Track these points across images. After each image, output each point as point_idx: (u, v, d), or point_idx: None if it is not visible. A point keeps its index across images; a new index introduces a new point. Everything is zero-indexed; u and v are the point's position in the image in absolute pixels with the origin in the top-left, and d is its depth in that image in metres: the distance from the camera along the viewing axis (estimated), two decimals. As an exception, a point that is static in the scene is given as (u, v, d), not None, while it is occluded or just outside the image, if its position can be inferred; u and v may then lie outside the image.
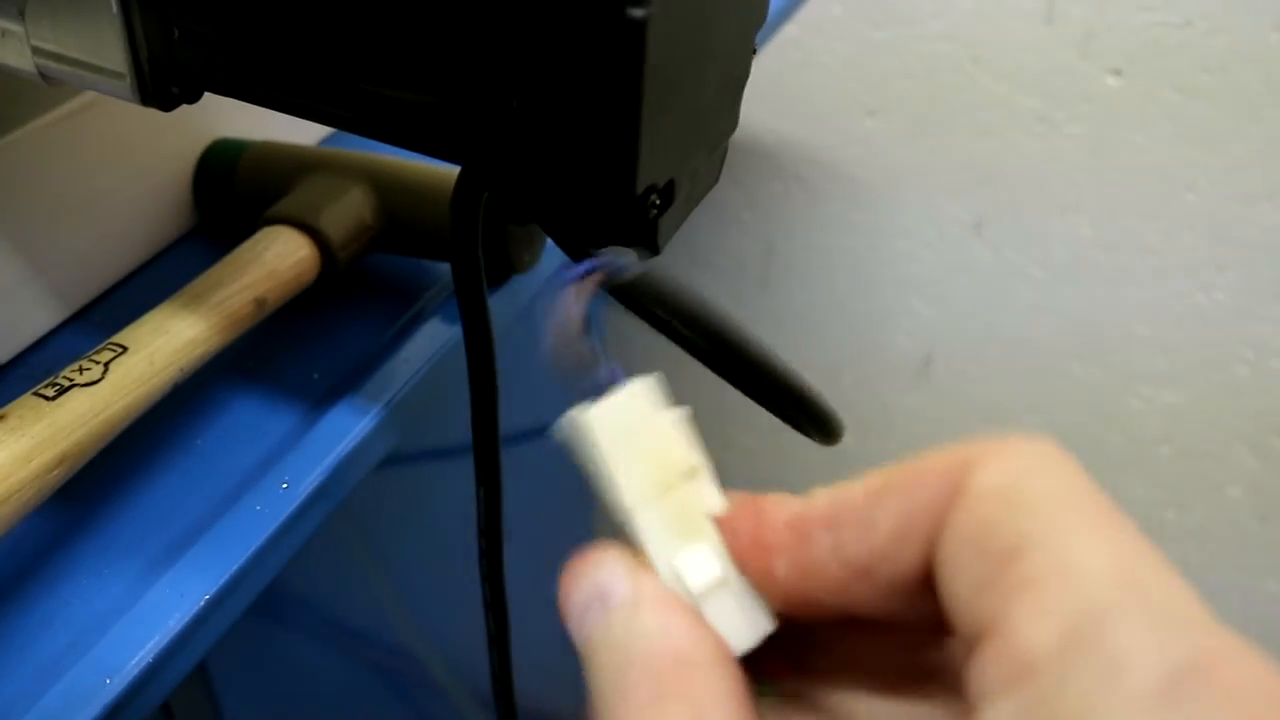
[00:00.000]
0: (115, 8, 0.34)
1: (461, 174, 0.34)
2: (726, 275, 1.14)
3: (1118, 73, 0.92)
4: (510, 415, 0.42)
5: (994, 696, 0.18)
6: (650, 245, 0.32)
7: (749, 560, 0.24)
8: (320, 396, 0.48)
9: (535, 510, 0.69)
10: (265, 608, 0.44)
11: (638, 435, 0.25)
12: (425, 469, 0.69)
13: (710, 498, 0.25)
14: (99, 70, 0.36)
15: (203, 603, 0.39)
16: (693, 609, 0.23)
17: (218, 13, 0.34)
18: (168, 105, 0.36)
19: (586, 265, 0.26)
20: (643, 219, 0.30)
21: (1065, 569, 0.19)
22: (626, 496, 0.24)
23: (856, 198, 1.05)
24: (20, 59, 0.37)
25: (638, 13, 0.26)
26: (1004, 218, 1.01)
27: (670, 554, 0.24)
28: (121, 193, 0.53)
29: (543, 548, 0.59)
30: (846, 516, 0.23)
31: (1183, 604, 0.18)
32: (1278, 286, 0.95)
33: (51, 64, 0.37)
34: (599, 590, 0.24)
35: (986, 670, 0.19)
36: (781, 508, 0.24)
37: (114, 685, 0.36)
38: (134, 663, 0.37)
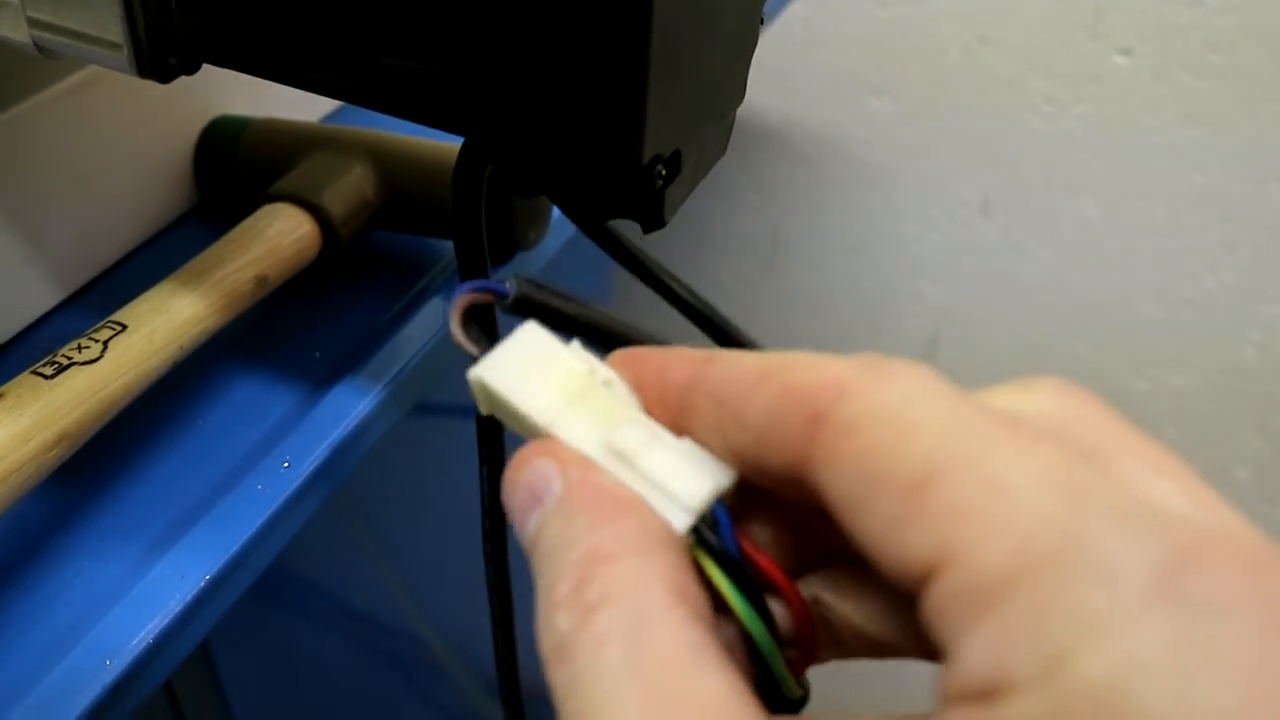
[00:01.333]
0: (112, -23, 0.33)
1: (464, 146, 0.34)
2: (732, 257, 1.13)
3: (1127, 52, 0.91)
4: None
5: (968, 628, 0.17)
6: (656, 217, 0.31)
7: (666, 423, 0.23)
8: (322, 375, 0.47)
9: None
10: (267, 588, 0.43)
11: (535, 368, 0.24)
12: (428, 447, 0.69)
13: (628, 397, 0.24)
14: (96, 41, 0.35)
15: (204, 583, 0.38)
16: (630, 498, 0.22)
17: (216, -19, 0.33)
18: (165, 77, 0.35)
19: (469, 286, 0.27)
20: (649, 190, 0.30)
21: (996, 488, 0.18)
22: (540, 416, 0.24)
23: (863, 179, 1.04)
24: (16, 30, 0.36)
25: (645, -23, 0.26)
26: (1011, 199, 1.00)
27: (601, 435, 0.23)
28: (121, 170, 0.52)
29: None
30: (727, 394, 0.22)
31: (1132, 500, 0.18)
32: (1287, 268, 0.95)
33: (48, 35, 0.36)
34: (532, 490, 0.23)
35: (948, 606, 0.18)
36: (682, 367, 0.23)
37: (115, 666, 0.36)
38: (135, 643, 0.37)
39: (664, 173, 0.30)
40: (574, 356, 0.25)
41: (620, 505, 0.21)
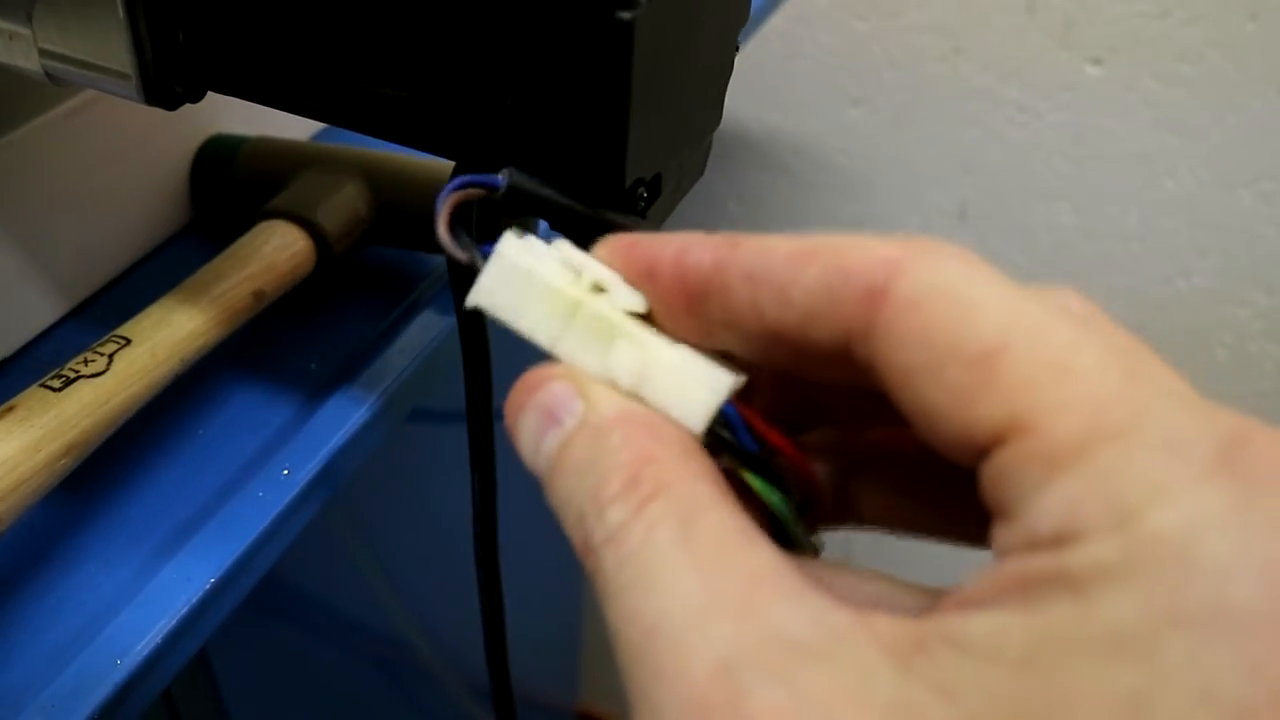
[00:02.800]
0: (121, 11, 0.35)
1: (455, 169, 0.36)
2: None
3: (1098, 62, 0.93)
4: (502, 401, 0.43)
5: (1039, 487, 0.19)
6: (639, 237, 0.33)
7: (677, 308, 0.24)
8: (318, 386, 0.49)
9: (529, 505, 0.70)
10: (264, 596, 0.45)
11: (527, 285, 0.24)
12: (415, 454, 0.70)
13: (628, 297, 0.24)
14: (104, 71, 0.37)
15: (208, 586, 0.40)
16: (652, 414, 0.23)
17: (222, 15, 0.35)
18: (172, 105, 0.37)
19: (458, 182, 0.27)
20: (632, 210, 0.32)
21: (1065, 364, 0.19)
22: (542, 338, 0.24)
23: (842, 187, 1.06)
24: (28, 60, 0.38)
25: (626, 15, 0.27)
26: (987, 205, 1.02)
27: (601, 362, 0.24)
28: (120, 189, 0.54)
29: (535, 532, 0.61)
30: (765, 275, 0.22)
31: (1185, 390, 0.20)
32: (1256, 272, 0.97)
33: (58, 65, 0.38)
34: (548, 412, 0.23)
35: (1018, 469, 0.19)
36: (705, 250, 0.23)
37: (124, 667, 0.38)
38: (143, 645, 0.38)
39: (645, 195, 0.32)
40: (561, 265, 0.25)
41: (648, 419, 0.22)
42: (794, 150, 1.05)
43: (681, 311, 0.24)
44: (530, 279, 0.24)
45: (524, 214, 0.27)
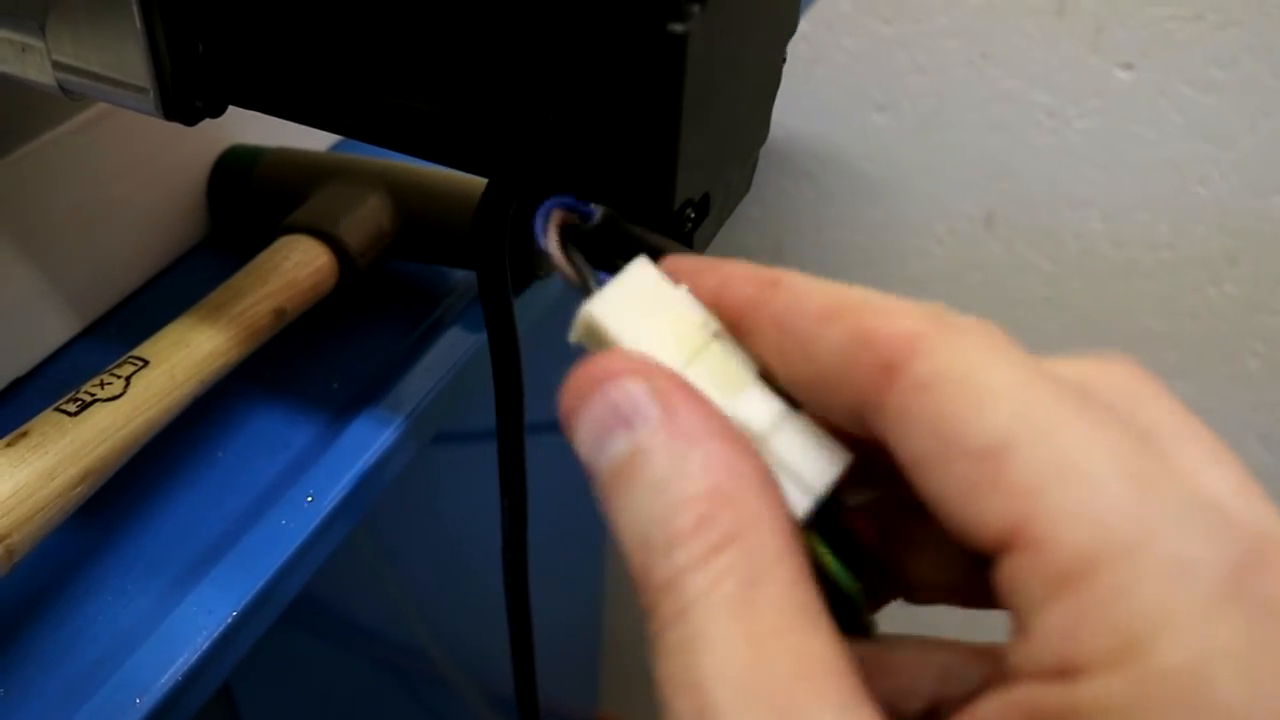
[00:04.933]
0: (139, 22, 0.33)
1: (489, 187, 0.34)
2: (735, 272, 1.14)
3: (1129, 67, 0.91)
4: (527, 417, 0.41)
5: (1043, 606, 0.18)
6: (685, 259, 0.31)
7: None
8: (341, 407, 0.47)
9: (549, 513, 0.68)
10: (285, 620, 0.43)
11: (648, 311, 0.23)
12: (443, 475, 0.69)
13: (738, 353, 0.23)
14: (121, 84, 0.35)
15: (231, 619, 0.39)
16: (737, 434, 0.21)
17: (245, 27, 0.33)
18: (191, 119, 0.36)
19: (558, 201, 0.26)
20: (679, 233, 0.30)
21: (1071, 468, 0.18)
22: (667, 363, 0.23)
23: (866, 193, 1.04)
24: (41, 73, 0.36)
25: (678, 28, 0.26)
26: (1014, 212, 1.01)
27: (723, 406, 0.22)
28: (136, 203, 0.52)
29: (557, 549, 0.59)
30: (794, 325, 0.22)
31: (1195, 493, 0.18)
32: (1289, 279, 0.95)
33: (72, 78, 0.36)
34: (618, 411, 0.21)
35: (1023, 581, 0.18)
36: (746, 285, 0.23)
37: (144, 704, 0.36)
38: (164, 681, 0.37)
39: (693, 215, 0.30)
40: (687, 305, 0.24)
41: (732, 443, 0.21)
42: (817, 156, 1.03)
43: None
44: (667, 306, 0.23)
45: (615, 245, 0.25)
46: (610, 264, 0.25)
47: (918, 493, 0.20)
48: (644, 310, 0.23)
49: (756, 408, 0.22)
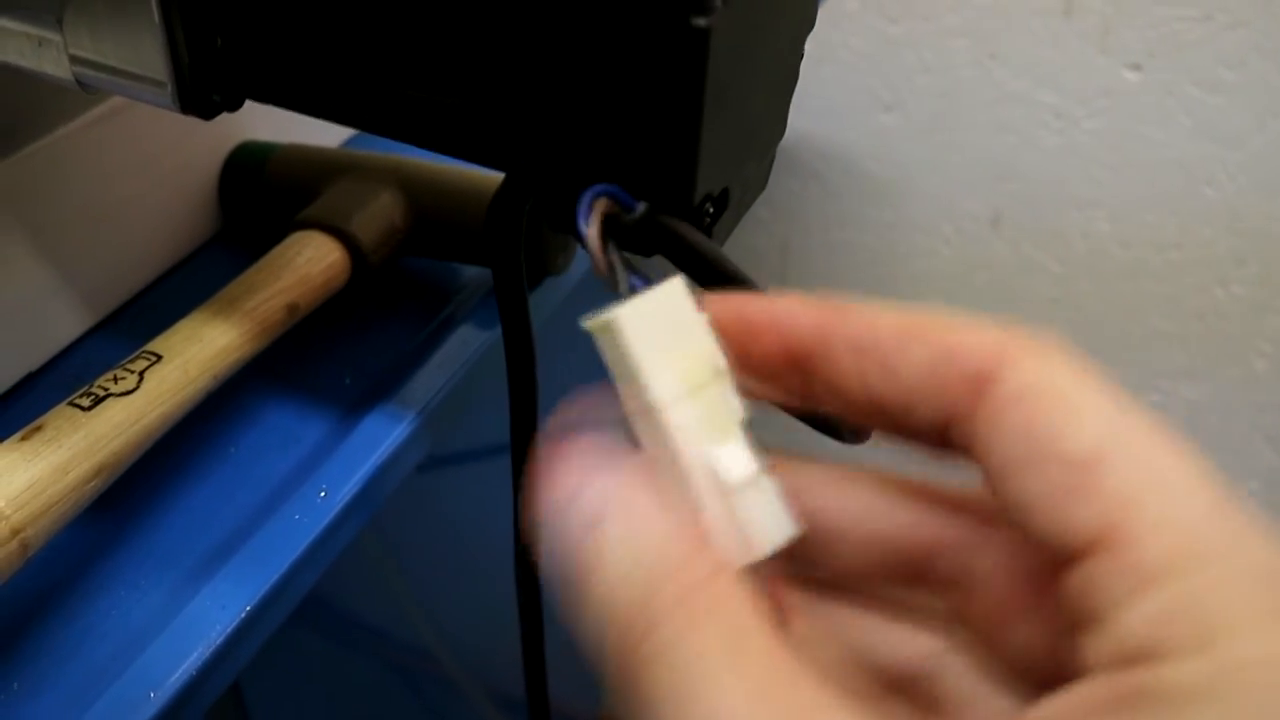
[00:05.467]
0: (156, 16, 0.33)
1: (505, 182, 0.34)
2: (742, 272, 1.14)
3: (1137, 67, 0.91)
4: (548, 414, 0.41)
5: (1128, 601, 0.19)
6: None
7: (778, 368, 0.24)
8: (354, 402, 0.47)
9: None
10: (290, 620, 0.43)
11: (667, 334, 0.23)
12: (452, 474, 0.69)
13: (734, 399, 0.24)
14: (139, 78, 0.35)
15: (244, 614, 0.39)
16: (694, 506, 0.22)
17: (264, 20, 0.33)
18: (209, 113, 0.36)
19: (602, 189, 0.26)
20: (698, 227, 0.30)
21: (1161, 482, 0.20)
22: (658, 393, 0.23)
23: (873, 194, 1.04)
24: (58, 67, 0.36)
25: (702, 22, 0.26)
26: (1022, 213, 1.01)
27: (704, 449, 0.23)
28: (148, 198, 0.52)
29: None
30: (874, 345, 0.23)
31: (1269, 523, 0.20)
32: (1296, 280, 0.95)
33: (89, 72, 0.36)
34: (583, 515, 0.22)
35: (1108, 580, 0.20)
36: (808, 313, 0.24)
37: (158, 699, 0.36)
38: (178, 675, 0.37)
39: (712, 210, 0.30)
40: (704, 336, 0.24)
41: (697, 535, 0.22)
42: (824, 156, 1.04)
43: (784, 371, 0.24)
44: (686, 334, 0.24)
45: (658, 240, 0.25)
46: (646, 254, 0.25)
47: (1005, 499, 0.21)
48: (663, 332, 0.23)
49: (734, 459, 0.23)
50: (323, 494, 0.42)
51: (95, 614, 0.40)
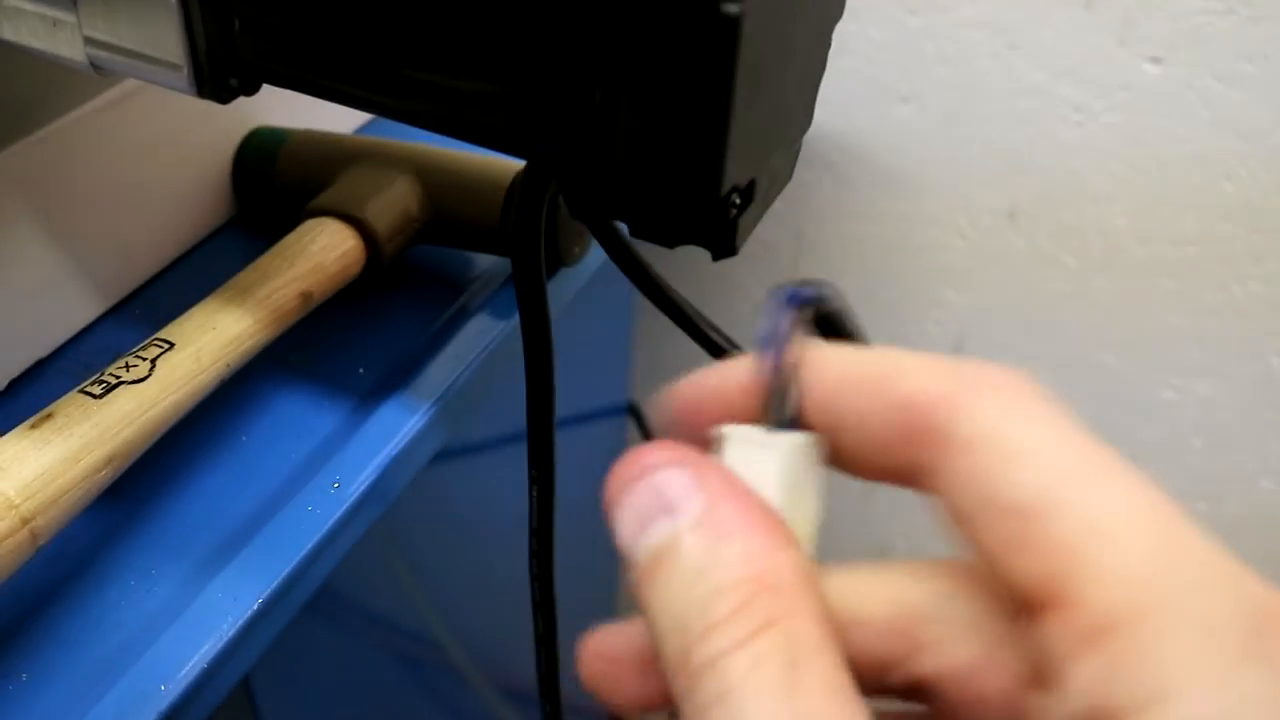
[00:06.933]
0: (174, -2, 0.33)
1: (526, 169, 0.33)
2: (757, 263, 1.13)
3: (1157, 61, 0.90)
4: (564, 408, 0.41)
5: (1077, 659, 0.19)
6: (728, 245, 0.31)
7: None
8: (367, 392, 0.47)
9: (573, 501, 0.68)
10: (300, 613, 0.43)
11: (775, 489, 0.22)
12: (465, 465, 0.68)
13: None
14: (154, 61, 0.35)
15: (257, 605, 0.38)
16: (779, 524, 0.21)
17: (282, 3, 0.33)
18: (225, 97, 0.35)
19: (796, 294, 0.24)
20: (724, 219, 0.29)
21: (1102, 530, 0.19)
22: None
23: (888, 185, 1.04)
24: (72, 49, 0.36)
25: (733, 8, 0.25)
26: (1038, 207, 1.00)
27: None
28: (160, 183, 0.52)
29: (581, 539, 0.59)
30: (829, 399, 0.23)
31: (1219, 557, 0.19)
32: (1316, 278, 0.94)
33: (104, 54, 0.35)
34: (662, 500, 0.21)
35: (1060, 637, 0.19)
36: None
37: (169, 691, 0.36)
38: (189, 668, 0.36)
39: (738, 201, 0.29)
40: (805, 495, 0.23)
41: (773, 533, 0.21)
42: (840, 147, 1.03)
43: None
44: (789, 488, 0.22)
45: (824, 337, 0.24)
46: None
47: (972, 548, 0.21)
48: (775, 482, 0.22)
49: None
50: (336, 485, 0.42)
51: (106, 605, 0.40)
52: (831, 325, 0.25)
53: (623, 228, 0.32)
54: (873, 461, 0.23)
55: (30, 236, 0.46)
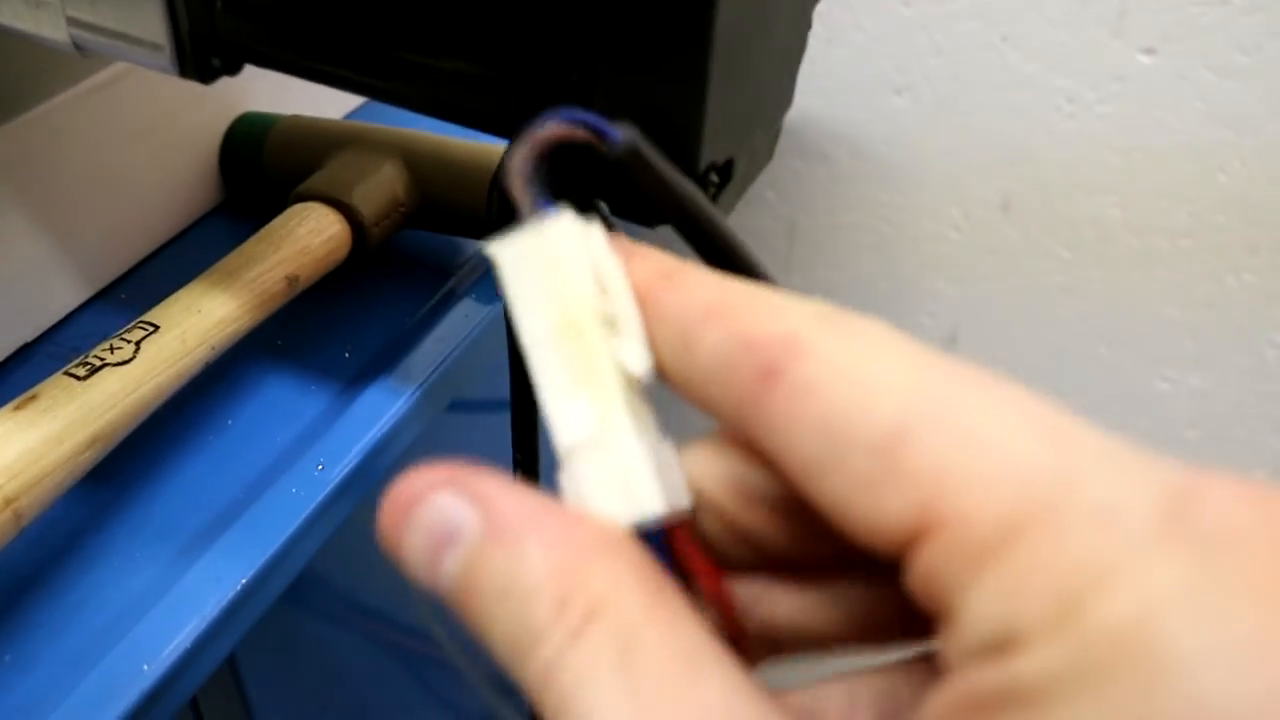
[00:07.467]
0: (154, -24, 0.33)
1: (509, 150, 0.33)
2: (749, 254, 1.13)
3: (1151, 51, 0.90)
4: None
5: (969, 585, 0.17)
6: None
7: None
8: (353, 376, 0.47)
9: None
10: (291, 593, 0.43)
11: (552, 273, 0.21)
12: (449, 449, 0.68)
13: (629, 353, 0.21)
14: (136, 42, 0.35)
15: (239, 587, 0.38)
16: (562, 509, 0.20)
17: (262, -18, 0.33)
18: (208, 78, 0.35)
19: (566, 116, 0.23)
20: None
21: (976, 440, 0.17)
22: (527, 331, 0.21)
23: (881, 176, 1.04)
24: (55, 30, 0.36)
25: (708, -16, 0.25)
26: (1032, 198, 1.00)
27: (556, 401, 0.21)
28: (148, 167, 0.52)
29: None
30: (676, 323, 0.20)
31: (1119, 448, 0.17)
32: (1309, 269, 0.94)
33: (86, 35, 0.35)
34: (441, 529, 0.20)
35: (944, 566, 0.17)
36: (645, 269, 0.21)
37: (152, 671, 0.36)
38: (171, 648, 0.36)
39: (717, 180, 0.29)
40: (591, 273, 0.21)
41: (561, 518, 0.19)
42: (833, 138, 1.03)
43: None
44: (555, 275, 0.21)
45: (637, 182, 0.22)
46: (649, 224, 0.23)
47: (812, 502, 0.19)
48: (539, 271, 0.21)
49: (573, 422, 0.21)
50: (320, 468, 0.42)
51: (89, 586, 0.40)
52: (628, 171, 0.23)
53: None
54: (706, 402, 0.20)
55: (16, 221, 0.46)
